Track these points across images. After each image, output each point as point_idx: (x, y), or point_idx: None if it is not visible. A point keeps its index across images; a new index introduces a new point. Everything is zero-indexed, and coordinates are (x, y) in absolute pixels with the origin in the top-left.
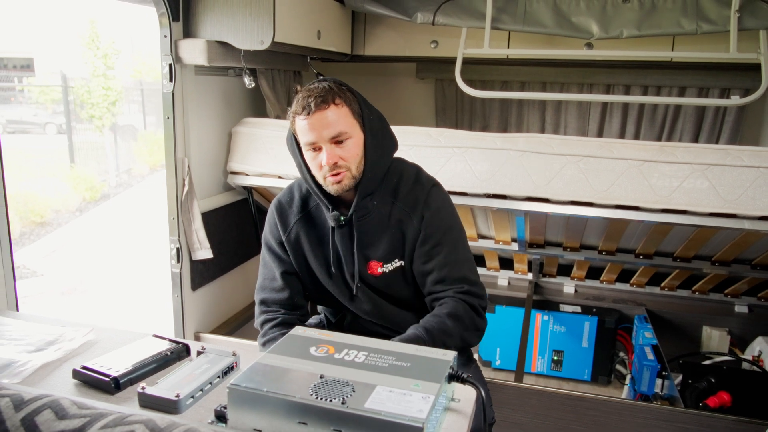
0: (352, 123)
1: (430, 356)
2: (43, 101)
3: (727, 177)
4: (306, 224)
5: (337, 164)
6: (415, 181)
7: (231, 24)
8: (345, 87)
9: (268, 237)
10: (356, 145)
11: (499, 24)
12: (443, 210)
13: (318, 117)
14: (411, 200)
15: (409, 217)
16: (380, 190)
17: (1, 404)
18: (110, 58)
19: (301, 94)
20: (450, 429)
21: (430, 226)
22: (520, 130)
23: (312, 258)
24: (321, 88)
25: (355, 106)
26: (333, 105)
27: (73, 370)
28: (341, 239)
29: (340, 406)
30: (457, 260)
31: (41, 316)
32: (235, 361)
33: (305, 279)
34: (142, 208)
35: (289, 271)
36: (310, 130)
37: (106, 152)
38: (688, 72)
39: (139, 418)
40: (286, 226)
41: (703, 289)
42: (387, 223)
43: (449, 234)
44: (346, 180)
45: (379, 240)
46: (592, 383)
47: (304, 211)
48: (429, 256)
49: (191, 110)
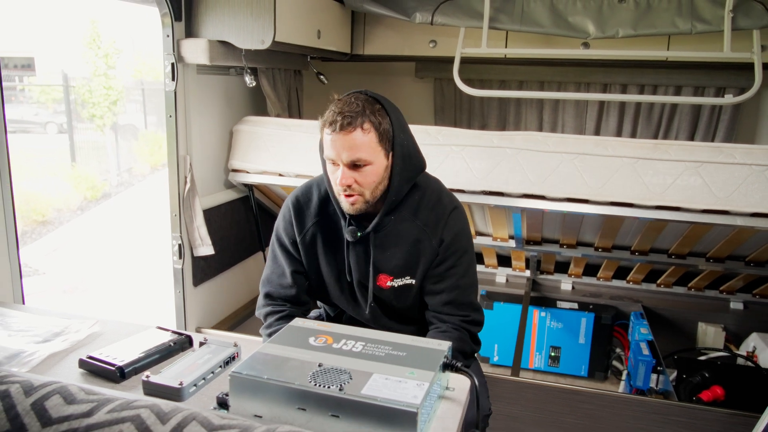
0: (376, 150)
1: (425, 346)
2: (44, 101)
3: (719, 174)
4: (322, 227)
5: (351, 186)
6: (437, 201)
7: (232, 24)
8: (382, 105)
9: (281, 234)
10: (374, 172)
11: (496, 24)
12: (462, 234)
13: (341, 137)
14: (432, 221)
15: (428, 237)
16: (401, 208)
17: (12, 390)
18: (111, 58)
19: (334, 106)
20: (444, 416)
21: (447, 250)
22: (518, 128)
23: (324, 263)
24: (353, 107)
25: (384, 129)
26: (360, 129)
27: (79, 360)
28: (356, 252)
29: (337, 392)
30: (467, 285)
31: (47, 309)
32: (236, 351)
33: (313, 278)
34: (143, 207)
35: (298, 270)
36: (332, 147)
37: (107, 151)
38: (684, 71)
39: (144, 403)
40: (302, 227)
41: (698, 285)
42: (404, 239)
43: (464, 258)
44: (359, 204)
45: (392, 255)
46: (588, 379)
47: (322, 215)
48: (441, 278)
49: (193, 108)
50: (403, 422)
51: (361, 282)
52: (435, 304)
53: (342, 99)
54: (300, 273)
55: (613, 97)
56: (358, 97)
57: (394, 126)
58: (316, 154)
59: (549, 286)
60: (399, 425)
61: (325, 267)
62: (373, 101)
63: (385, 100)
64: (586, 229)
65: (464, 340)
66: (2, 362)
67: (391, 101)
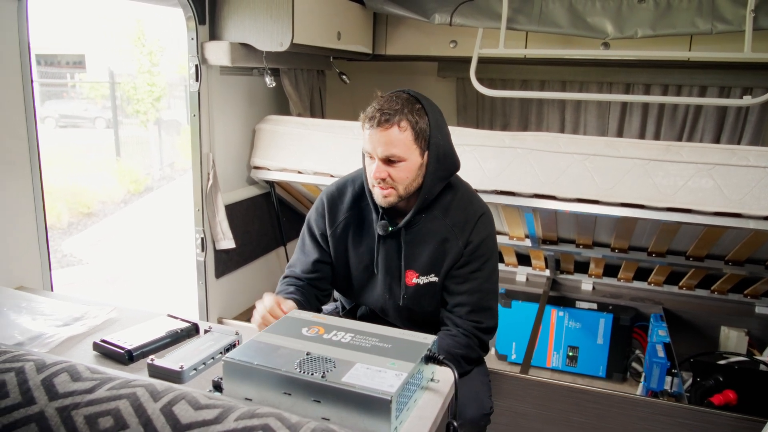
0: (411, 148)
1: (410, 339)
2: (93, 96)
3: (732, 177)
4: (354, 220)
5: (385, 180)
6: (468, 203)
7: (253, 26)
8: (422, 105)
9: (312, 224)
10: (408, 169)
11: (515, 24)
12: (489, 240)
13: (378, 133)
14: (460, 222)
15: (455, 237)
16: (433, 206)
17: (26, 367)
18: (155, 56)
19: (376, 102)
20: (425, 406)
21: (473, 253)
22: (539, 129)
23: (353, 255)
24: (393, 104)
25: (421, 128)
26: (397, 126)
27: (93, 343)
28: (385, 247)
29: (320, 379)
30: (488, 290)
31: (71, 296)
32: (237, 339)
33: (340, 270)
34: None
35: (323, 260)
36: (369, 142)
37: (151, 146)
38: (708, 71)
39: (141, 383)
40: (334, 221)
41: (721, 289)
42: (432, 237)
43: (489, 263)
44: (392, 197)
45: (420, 253)
46: (606, 380)
47: (354, 209)
48: (465, 279)
49: (216, 108)
50: (378, 409)
51: (388, 277)
52: (453, 304)
53: (384, 96)
54: (325, 263)
55: (631, 98)
56: (399, 95)
57: (431, 126)
58: (333, 153)
59: (569, 285)
60: (375, 412)
61: (353, 259)
62: (413, 100)
63: (426, 100)
64: (600, 230)
65: (471, 347)
66: (24, 343)
67: (433, 102)
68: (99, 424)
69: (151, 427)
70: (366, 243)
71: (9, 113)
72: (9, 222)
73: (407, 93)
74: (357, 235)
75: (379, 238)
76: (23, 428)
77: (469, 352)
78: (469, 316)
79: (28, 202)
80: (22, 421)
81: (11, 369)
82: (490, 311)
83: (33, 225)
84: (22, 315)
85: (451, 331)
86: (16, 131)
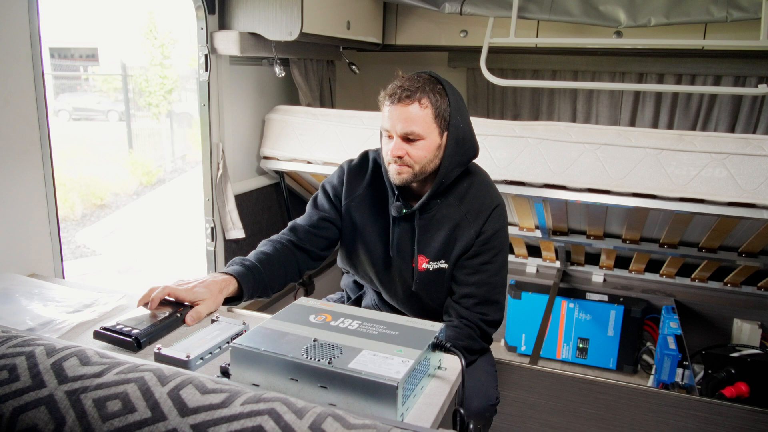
0: (431, 126)
1: (417, 326)
2: (106, 89)
3: (746, 166)
4: (372, 196)
5: (402, 158)
6: (485, 193)
7: (262, 16)
8: (443, 86)
9: (328, 187)
10: (426, 148)
11: (526, 13)
12: (501, 232)
13: (399, 109)
14: (475, 209)
15: (468, 225)
16: (449, 192)
17: (37, 351)
18: (167, 48)
19: (397, 81)
20: (432, 393)
21: (485, 244)
22: (551, 118)
23: (367, 232)
24: (414, 83)
25: (442, 108)
26: (417, 103)
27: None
28: (400, 230)
29: (326, 365)
30: (497, 283)
31: (82, 283)
32: (244, 329)
33: (349, 245)
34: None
35: (331, 220)
36: (389, 119)
37: (163, 139)
38: (723, 60)
39: (149, 367)
40: (352, 191)
41: (735, 281)
42: (445, 223)
43: (499, 256)
44: (406, 174)
45: (432, 238)
46: (617, 372)
47: (371, 187)
48: (474, 270)
49: (226, 98)
50: (385, 396)
51: (400, 260)
52: (460, 294)
53: (405, 76)
54: (330, 223)
55: (645, 87)
56: (421, 75)
57: (452, 108)
58: (343, 143)
59: (580, 277)
60: (381, 398)
61: (367, 237)
62: (434, 81)
63: (447, 83)
64: (612, 221)
65: (474, 339)
66: (35, 328)
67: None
68: (107, 407)
69: (158, 410)
70: (381, 222)
71: (21, 104)
72: (22, 210)
73: (428, 74)
74: (373, 211)
75: (394, 220)
76: (33, 411)
77: (471, 344)
78: (476, 308)
79: (40, 191)
80: (32, 404)
81: (22, 353)
82: (497, 305)
83: (45, 213)
84: (34, 301)
85: (453, 322)
86: (28, 122)
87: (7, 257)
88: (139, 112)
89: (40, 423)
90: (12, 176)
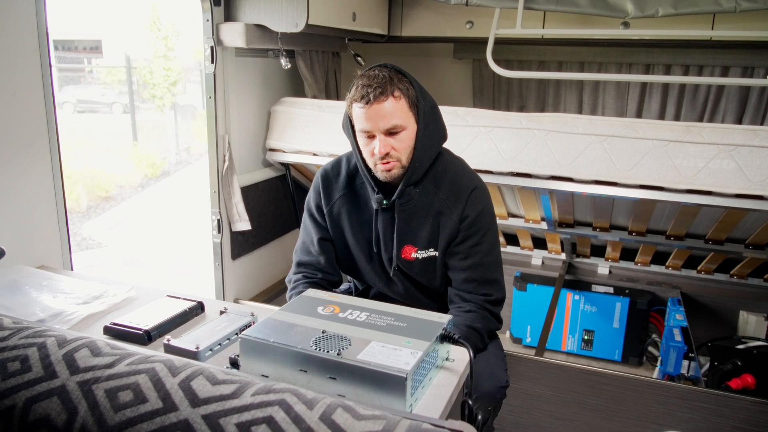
0: (408, 115)
1: (425, 318)
2: (110, 82)
3: (754, 158)
4: (349, 201)
5: (389, 154)
6: (459, 177)
7: (268, 7)
8: (404, 75)
9: (310, 203)
10: (409, 137)
11: (532, 4)
12: (485, 213)
13: (375, 108)
14: (453, 195)
15: (449, 211)
16: (424, 180)
17: (48, 342)
18: (171, 40)
19: (360, 81)
20: (441, 384)
21: (471, 227)
22: (557, 110)
23: (350, 235)
24: (381, 78)
25: (411, 96)
26: (392, 97)
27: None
28: (383, 222)
29: (335, 356)
30: (490, 262)
31: (91, 275)
32: (252, 320)
33: (340, 250)
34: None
35: (325, 237)
36: (367, 120)
37: (167, 131)
38: (731, 51)
39: (160, 358)
40: (329, 199)
41: (741, 273)
42: (427, 212)
43: (488, 236)
44: (395, 169)
45: (418, 227)
46: (622, 363)
47: (349, 188)
48: (466, 255)
49: (232, 90)
50: (394, 386)
51: (387, 252)
52: (459, 281)
53: (365, 74)
54: (327, 240)
55: (652, 78)
56: (382, 69)
57: (417, 93)
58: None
59: (585, 269)
60: (390, 389)
61: (351, 239)
62: (395, 71)
63: (406, 72)
64: (618, 213)
65: (488, 319)
66: (46, 320)
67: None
68: (119, 397)
69: (169, 401)
70: (364, 221)
71: (28, 97)
72: (30, 203)
73: (386, 66)
74: (354, 213)
75: (376, 213)
76: (46, 401)
77: (488, 324)
78: (478, 290)
79: (47, 184)
80: (44, 395)
81: (34, 344)
82: (497, 283)
83: (53, 206)
84: (43, 293)
85: (463, 307)
86: (35, 115)
87: (16, 250)
88: (143, 104)
89: (52, 413)
90: (20, 169)
